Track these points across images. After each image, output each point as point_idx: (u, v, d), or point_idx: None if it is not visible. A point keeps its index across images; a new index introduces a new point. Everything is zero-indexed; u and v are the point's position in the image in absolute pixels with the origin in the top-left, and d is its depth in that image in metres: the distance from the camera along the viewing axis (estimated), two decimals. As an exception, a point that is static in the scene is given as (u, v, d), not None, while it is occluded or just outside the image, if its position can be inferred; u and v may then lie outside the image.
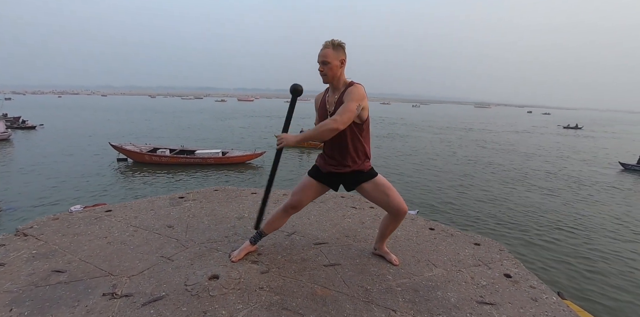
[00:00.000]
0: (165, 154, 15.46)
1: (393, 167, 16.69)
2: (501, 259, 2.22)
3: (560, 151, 25.39)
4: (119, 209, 2.85)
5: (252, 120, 41.82)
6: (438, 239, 2.50)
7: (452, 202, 11.43)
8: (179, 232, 2.40)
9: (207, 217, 2.72)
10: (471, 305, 1.69)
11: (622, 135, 44.12)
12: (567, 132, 44.49)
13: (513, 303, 1.73)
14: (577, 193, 13.56)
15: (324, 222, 2.70)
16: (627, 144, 34.24)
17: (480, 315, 1.62)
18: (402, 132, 32.60)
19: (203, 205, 3.01)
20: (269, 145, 21.27)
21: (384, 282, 1.86)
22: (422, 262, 2.11)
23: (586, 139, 36.11)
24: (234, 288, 1.71)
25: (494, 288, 1.86)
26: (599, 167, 19.62)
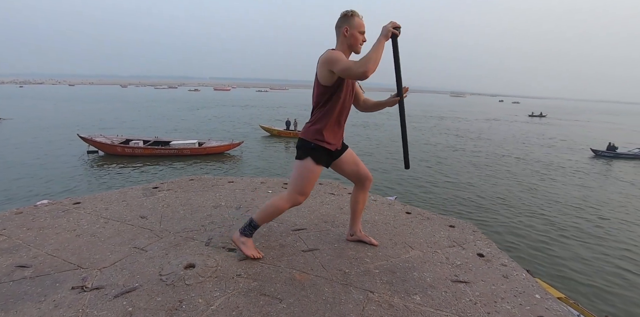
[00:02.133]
0: (138, 145, 14.92)
1: (368, 156, 16.87)
2: (475, 240, 2.29)
3: (530, 138, 26.46)
4: (88, 201, 2.73)
5: (228, 109, 40.87)
6: (415, 222, 2.55)
7: (428, 188, 11.74)
8: (153, 223, 2.33)
9: (182, 206, 2.65)
10: (446, 284, 1.74)
11: (587, 123, 46.47)
12: (533, 120, 46.29)
13: (486, 280, 1.80)
14: (551, 178, 14.23)
15: (303, 209, 2.69)
16: (591, 131, 36.14)
17: (455, 293, 1.67)
18: (378, 121, 32.88)
19: (178, 195, 2.94)
20: (245, 135, 20.97)
21: (362, 265, 1.88)
22: (399, 245, 2.15)
23: (552, 126, 37.72)
24: (210, 276, 1.69)
25: (467, 267, 1.93)
26: (571, 153, 20.62)
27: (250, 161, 14.93)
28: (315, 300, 1.55)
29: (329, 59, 1.66)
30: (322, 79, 1.72)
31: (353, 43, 1.75)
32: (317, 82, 1.76)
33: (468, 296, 1.65)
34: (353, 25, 1.73)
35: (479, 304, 1.59)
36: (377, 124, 30.70)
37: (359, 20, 1.74)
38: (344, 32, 1.74)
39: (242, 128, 24.92)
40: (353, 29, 1.73)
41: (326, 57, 1.67)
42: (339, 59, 1.64)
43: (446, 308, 1.55)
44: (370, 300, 1.57)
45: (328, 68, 1.67)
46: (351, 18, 1.73)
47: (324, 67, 1.68)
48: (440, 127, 30.58)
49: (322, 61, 1.69)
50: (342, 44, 1.77)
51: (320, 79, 1.73)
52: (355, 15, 1.74)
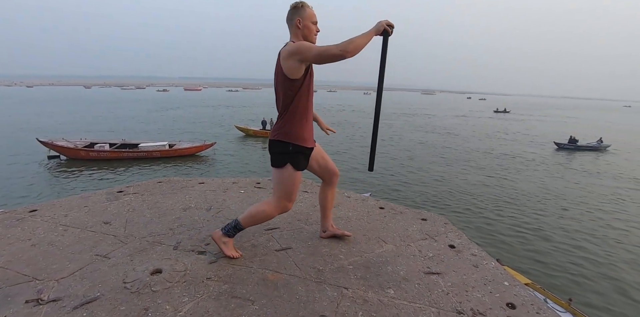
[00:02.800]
0: (104, 148, 14.26)
1: (343, 154, 16.98)
2: (446, 232, 2.34)
3: (495, 133, 27.60)
4: (46, 208, 2.56)
5: (200, 110, 39.85)
6: (388, 217, 2.57)
7: (401, 183, 11.97)
8: (117, 228, 2.21)
9: (149, 210, 2.54)
10: (419, 276, 1.76)
11: (547, 118, 49.09)
12: (498, 115, 48.37)
13: (457, 271, 1.84)
14: (517, 170, 14.88)
15: (276, 208, 2.65)
16: (552, 125, 38.19)
17: (428, 284, 1.69)
18: (352, 119, 33.19)
19: (145, 198, 2.81)
20: (218, 136, 20.54)
21: (336, 261, 1.87)
22: (372, 240, 2.15)
23: (516, 121, 39.57)
24: (179, 281, 1.62)
25: (439, 259, 1.96)
26: (535, 147, 21.67)
27: (224, 162, 14.65)
28: (288, 299, 1.52)
29: (298, 49, 1.60)
30: (290, 72, 1.66)
31: (307, 34, 1.72)
32: (283, 78, 1.69)
33: (440, 287, 1.67)
34: (305, 16, 1.70)
35: (450, 294, 1.62)
36: (351, 122, 30.98)
37: (310, 10, 1.71)
38: (297, 24, 1.70)
39: (215, 129, 24.40)
40: (306, 20, 1.70)
41: (294, 47, 1.62)
42: (310, 45, 1.61)
43: (419, 300, 1.56)
44: (344, 296, 1.56)
45: (298, 58, 1.62)
46: (302, 9, 1.70)
47: (292, 59, 1.62)
48: (411, 124, 31.29)
49: (288, 53, 1.63)
50: (296, 37, 1.73)
51: (288, 73, 1.66)
52: (306, 6, 1.71)
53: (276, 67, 1.73)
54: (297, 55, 1.61)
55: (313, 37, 1.74)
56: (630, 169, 16.38)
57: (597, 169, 15.93)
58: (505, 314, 1.49)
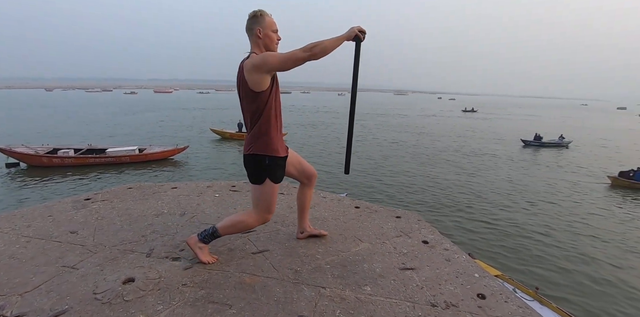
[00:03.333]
0: (68, 154, 13.53)
1: (319, 155, 17.05)
2: (419, 228, 2.41)
3: (465, 132, 28.63)
4: (5, 220, 2.41)
5: (171, 113, 38.71)
6: (363, 215, 2.62)
7: (375, 183, 12.17)
8: (85, 237, 2.12)
9: (119, 217, 2.45)
10: (394, 272, 1.81)
11: (511, 117, 51.47)
12: (466, 115, 50.25)
13: (430, 265, 1.90)
14: (486, 167, 15.47)
15: (252, 211, 2.63)
16: (516, 123, 40.09)
17: (403, 280, 1.74)
18: (325, 120, 33.38)
19: (114, 205, 2.71)
20: (192, 139, 20.04)
21: (313, 262, 1.88)
22: (349, 239, 2.19)
23: (483, 120, 41.22)
24: (152, 289, 1.58)
25: (414, 254, 2.02)
26: (502, 144, 22.63)
27: (198, 166, 14.31)
28: (266, 302, 1.52)
29: (263, 60, 1.58)
30: (256, 85, 1.63)
31: (268, 43, 1.70)
32: (249, 91, 1.65)
33: (415, 282, 1.73)
34: (265, 25, 1.68)
35: (425, 288, 1.68)
36: (326, 123, 31.15)
37: (269, 19, 1.69)
38: (257, 33, 1.68)
39: (188, 132, 23.77)
40: (266, 29, 1.68)
41: (258, 60, 1.59)
42: (273, 54, 1.60)
43: (395, 295, 1.61)
44: (322, 295, 1.58)
45: (264, 70, 1.60)
46: (261, 18, 1.67)
47: (257, 71, 1.60)
48: (385, 124, 31.86)
49: (253, 66, 1.60)
50: (257, 46, 1.70)
51: (253, 86, 1.63)
52: (265, 14, 1.68)
53: (239, 80, 1.70)
54: (263, 67, 1.59)
55: (274, 46, 1.73)
56: (588, 163, 17.48)
57: (559, 164, 16.88)
58: (476, 304, 1.57)
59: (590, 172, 15.45)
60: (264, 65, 1.58)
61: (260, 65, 1.59)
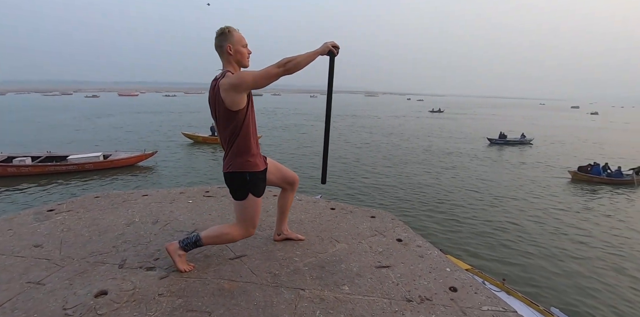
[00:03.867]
0: (25, 163, 12.69)
1: (290, 159, 17.02)
2: (393, 227, 2.49)
3: (433, 132, 29.61)
4: (-43, 235, 2.25)
5: (137, 117, 37.22)
6: (339, 217, 2.66)
7: (349, 184, 12.33)
8: (51, 251, 2.02)
9: (87, 228, 2.35)
10: (371, 270, 1.87)
11: (477, 116, 53.81)
12: (434, 115, 52.03)
13: (405, 262, 1.97)
14: (454, 165, 16.06)
15: (227, 216, 2.61)
16: (481, 122, 41.95)
17: (379, 278, 1.80)
18: (298, 123, 33.40)
19: (81, 215, 2.59)
20: (160, 144, 19.39)
21: (291, 264, 1.90)
22: (326, 240, 2.23)
23: (450, 120, 42.84)
24: (127, 301, 1.54)
25: (389, 252, 2.09)
26: (469, 143, 23.57)
27: (169, 172, 13.85)
28: (246, 307, 1.52)
29: (239, 80, 1.59)
30: (234, 105, 1.63)
31: (240, 58, 1.71)
32: (225, 111, 1.65)
33: (391, 279, 1.79)
34: (235, 41, 1.68)
35: (400, 284, 1.74)
36: (298, 125, 31.15)
37: (237, 34, 1.69)
38: (228, 50, 1.68)
39: (156, 136, 22.97)
40: (236, 45, 1.69)
41: (235, 80, 1.59)
42: (248, 73, 1.60)
43: (372, 293, 1.66)
44: (301, 297, 1.60)
45: (242, 89, 1.60)
46: (230, 34, 1.67)
47: (235, 91, 1.60)
48: (356, 125, 32.31)
49: (230, 86, 1.59)
50: (229, 63, 1.71)
51: (231, 106, 1.63)
52: (233, 30, 1.69)
53: (213, 98, 1.69)
54: (241, 86, 1.59)
55: (246, 60, 1.74)
56: (549, 159, 18.61)
57: (523, 161, 17.86)
58: (449, 297, 1.65)
59: (551, 167, 16.45)
60: (241, 84, 1.59)
61: (238, 84, 1.59)
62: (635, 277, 6.64)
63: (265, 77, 1.59)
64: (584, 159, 17.69)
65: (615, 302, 5.84)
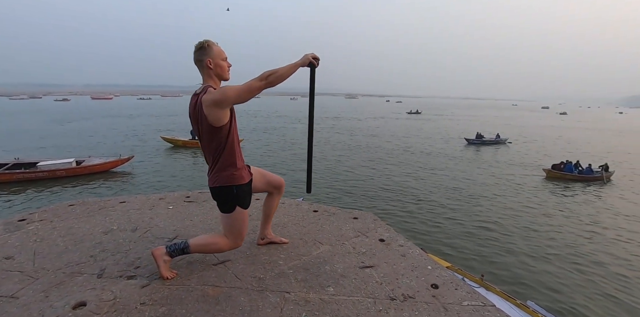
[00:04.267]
0: (-10, 171, 12.06)
1: (272, 161, 16.94)
2: (376, 228, 2.53)
3: (412, 132, 30.19)
4: None
5: (111, 121, 36.01)
6: (322, 219, 2.68)
7: (331, 185, 12.39)
8: (23, 263, 1.94)
9: (62, 238, 2.27)
10: (355, 271, 1.90)
11: (454, 117, 55.27)
12: (412, 116, 53.10)
13: (388, 262, 2.01)
14: (433, 166, 16.41)
15: (209, 222, 2.58)
16: (458, 123, 43.10)
17: (363, 278, 1.83)
18: (276, 125, 33.28)
19: (55, 225, 2.50)
20: (137, 149, 18.84)
21: (276, 268, 1.91)
22: (309, 243, 2.24)
23: (428, 121, 43.84)
24: (108, 312, 1.50)
25: (372, 253, 2.12)
26: (448, 143, 24.17)
27: (148, 177, 13.47)
28: (232, 312, 1.51)
29: (223, 95, 1.58)
30: (218, 121, 1.63)
31: (220, 72, 1.71)
32: (209, 127, 1.64)
33: (374, 279, 1.82)
34: (214, 55, 1.68)
35: (384, 283, 1.78)
36: (276, 128, 31.05)
37: (217, 47, 1.69)
38: (208, 64, 1.68)
39: (132, 141, 22.32)
40: (216, 59, 1.69)
41: (218, 96, 1.58)
42: (231, 89, 1.59)
43: (357, 293, 1.69)
44: (287, 300, 1.61)
45: (226, 105, 1.60)
46: (209, 48, 1.67)
47: (218, 107, 1.59)
48: (337, 127, 32.53)
49: (214, 102, 1.58)
50: (210, 77, 1.71)
51: (214, 122, 1.62)
52: (212, 44, 1.68)
53: (195, 114, 1.68)
54: (224, 102, 1.59)
55: (227, 73, 1.74)
56: (520, 157, 19.34)
57: (500, 160, 18.51)
58: (431, 294, 1.70)
59: (527, 166, 17.13)
60: (225, 100, 1.58)
61: (221, 100, 1.58)
62: (605, 268, 6.99)
63: (248, 91, 1.60)
64: (555, 158, 18.50)
65: (587, 293, 6.13)
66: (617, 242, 8.34)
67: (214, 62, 1.68)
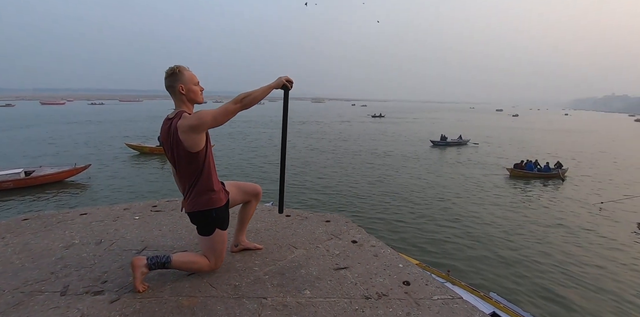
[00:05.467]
0: None
1: (238, 166, 16.66)
2: (348, 230, 2.59)
3: (377, 135, 30.95)
4: None
5: (63, 127, 33.71)
6: (295, 223, 2.71)
7: (301, 190, 12.40)
8: (-27, 284, 1.79)
9: (17, 255, 2.12)
10: (330, 273, 1.93)
11: (417, 120, 57.35)
12: (375, 120, 54.51)
13: (361, 262, 2.07)
14: (398, 168, 16.88)
15: (179, 230, 2.52)
16: (420, 126, 44.73)
17: (338, 279, 1.87)
18: (243, 130, 32.84)
19: (8, 241, 2.32)
20: (89, 157, 17.77)
21: (251, 274, 1.90)
22: (284, 248, 2.25)
23: (391, 124, 45.20)
24: (75, 329, 1.42)
25: (345, 254, 2.18)
26: (413, 145, 24.98)
27: (108, 187, 12.74)
28: (208, 321, 1.49)
29: (199, 120, 1.56)
30: (194, 146, 1.61)
31: (193, 97, 1.71)
32: (185, 153, 1.63)
33: (349, 279, 1.87)
34: (186, 81, 1.67)
35: (358, 283, 1.83)
36: (243, 133, 30.62)
37: (188, 72, 1.69)
38: (180, 90, 1.66)
39: (88, 148, 21.03)
40: (188, 84, 1.67)
41: (194, 121, 1.56)
42: (207, 113, 1.59)
43: (333, 294, 1.72)
44: (264, 306, 1.61)
45: (202, 129, 1.59)
46: (180, 74, 1.66)
47: (195, 132, 1.58)
48: (303, 132, 32.63)
49: (189, 127, 1.56)
50: (182, 103, 1.69)
51: (191, 148, 1.61)
52: (183, 69, 1.68)
53: (168, 140, 1.66)
54: (200, 127, 1.58)
55: (200, 97, 1.74)
56: (482, 157, 20.45)
57: (464, 160, 19.54)
58: (403, 291, 1.77)
59: (490, 165, 18.16)
60: (201, 125, 1.57)
61: (198, 125, 1.57)
62: (558, 259, 7.55)
63: (224, 114, 1.60)
64: (514, 158, 19.77)
65: (544, 283, 6.59)
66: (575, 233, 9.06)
67: (186, 87, 1.67)
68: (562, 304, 5.94)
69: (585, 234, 9.01)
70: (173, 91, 1.68)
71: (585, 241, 8.58)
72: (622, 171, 17.94)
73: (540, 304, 5.90)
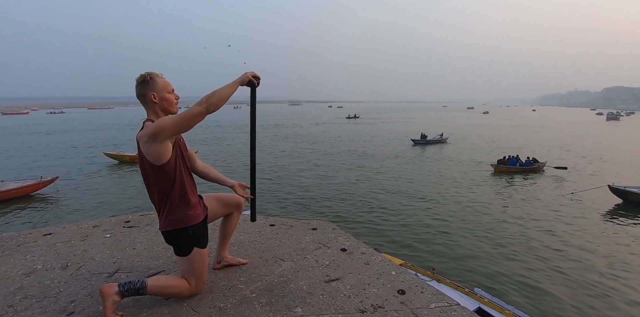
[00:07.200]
0: None
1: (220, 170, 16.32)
2: (336, 237, 2.49)
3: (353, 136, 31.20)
4: None
5: (27, 138, 31.77)
6: (280, 233, 2.58)
7: (282, 196, 12.19)
8: None
9: (-32, 287, 1.88)
10: (321, 286, 1.83)
11: (392, 120, 58.28)
12: (351, 121, 55.03)
13: (353, 272, 1.98)
14: (381, 167, 17.00)
15: (155, 248, 2.34)
16: (395, 125, 45.50)
17: (330, 292, 1.77)
18: (219, 136, 32.21)
19: (-43, 271, 2.07)
20: (55, 169, 16.82)
21: (237, 293, 1.76)
22: (270, 261, 2.13)
23: (367, 125, 45.69)
24: (36, 373, 1.25)
25: (335, 264, 2.07)
26: (393, 145, 25.29)
27: (78, 202, 11.93)
28: (192, 352, 1.35)
29: (157, 128, 1.42)
30: (159, 157, 1.47)
31: (167, 106, 1.58)
32: (151, 166, 1.50)
33: (342, 292, 1.77)
34: (159, 88, 1.55)
35: (352, 296, 1.73)
36: (220, 138, 30.06)
37: (162, 80, 1.57)
38: (152, 98, 1.53)
39: (54, 160, 19.87)
40: (161, 92, 1.55)
41: (152, 129, 1.43)
42: (167, 119, 1.45)
43: (326, 310, 1.62)
44: (253, 329, 1.49)
45: (162, 138, 1.44)
46: (152, 81, 1.54)
47: (155, 141, 1.44)
48: (279, 135, 32.38)
49: (148, 136, 1.43)
50: (155, 113, 1.56)
51: (155, 160, 1.47)
52: (155, 76, 1.56)
53: (139, 153, 1.52)
54: (160, 134, 1.43)
55: (174, 107, 1.61)
56: (457, 154, 20.97)
57: (445, 157, 20.02)
58: (399, 301, 1.69)
59: (471, 161, 18.68)
60: (160, 133, 1.42)
61: (157, 133, 1.42)
62: (540, 252, 7.76)
63: (188, 118, 1.44)
64: (489, 152, 20.44)
65: (525, 276, 6.74)
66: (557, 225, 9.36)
67: (159, 96, 1.54)
68: (544, 295, 6.09)
69: (562, 226, 9.35)
70: (145, 100, 1.54)
71: (562, 231, 8.89)
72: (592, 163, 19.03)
73: (522, 297, 6.03)
